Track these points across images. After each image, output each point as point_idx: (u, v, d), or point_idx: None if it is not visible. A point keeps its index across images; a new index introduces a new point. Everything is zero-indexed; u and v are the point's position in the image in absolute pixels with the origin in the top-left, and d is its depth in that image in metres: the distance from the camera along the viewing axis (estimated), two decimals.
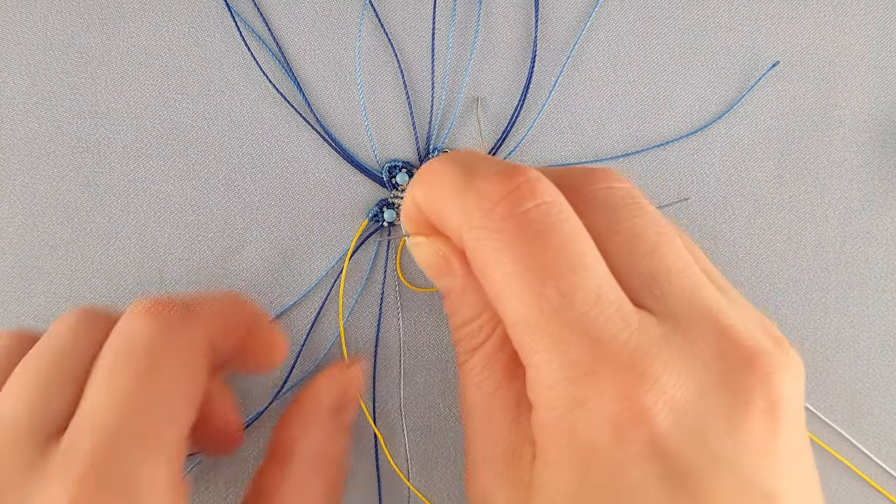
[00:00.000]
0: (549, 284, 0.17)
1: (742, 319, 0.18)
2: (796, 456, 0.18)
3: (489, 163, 0.19)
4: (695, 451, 0.16)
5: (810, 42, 0.30)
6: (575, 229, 0.18)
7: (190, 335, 0.20)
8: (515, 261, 0.17)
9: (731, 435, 0.17)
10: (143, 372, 0.19)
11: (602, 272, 0.18)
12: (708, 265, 0.20)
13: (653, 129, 0.30)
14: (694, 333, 0.17)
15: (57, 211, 0.29)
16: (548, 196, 0.18)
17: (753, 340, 0.18)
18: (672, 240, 0.19)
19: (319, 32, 0.30)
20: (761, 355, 0.17)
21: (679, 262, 0.18)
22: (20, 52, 0.29)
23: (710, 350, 0.17)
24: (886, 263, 0.29)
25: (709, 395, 0.17)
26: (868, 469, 0.29)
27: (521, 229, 0.17)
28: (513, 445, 0.19)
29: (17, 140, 0.29)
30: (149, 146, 0.29)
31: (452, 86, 0.30)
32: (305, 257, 0.29)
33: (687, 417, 0.16)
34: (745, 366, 0.17)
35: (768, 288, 0.29)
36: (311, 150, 0.29)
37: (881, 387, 0.29)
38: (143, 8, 0.29)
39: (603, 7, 0.30)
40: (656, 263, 0.18)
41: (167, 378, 0.19)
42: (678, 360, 0.17)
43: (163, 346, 0.19)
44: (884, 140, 0.30)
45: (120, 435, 0.18)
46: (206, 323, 0.21)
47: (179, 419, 0.19)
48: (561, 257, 0.17)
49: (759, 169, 0.30)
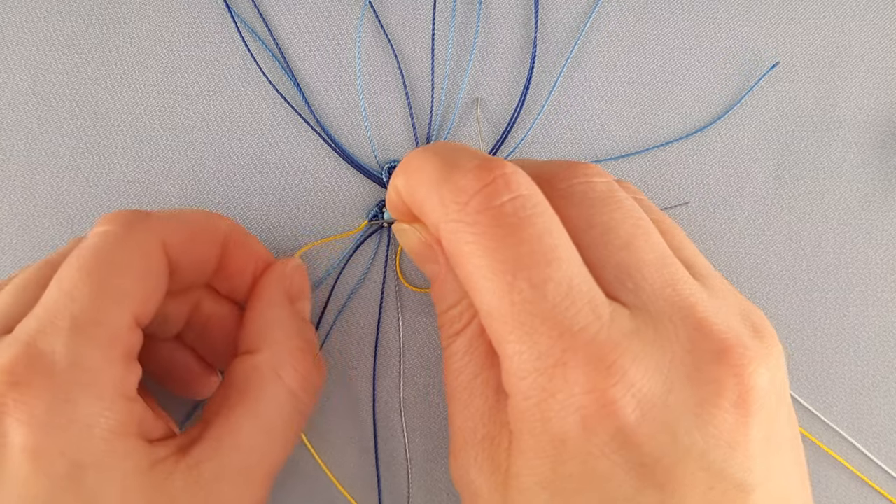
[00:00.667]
0: (520, 276, 0.17)
1: (719, 311, 0.18)
2: (774, 447, 0.18)
3: (468, 155, 0.19)
4: (663, 443, 0.17)
5: (810, 42, 0.30)
6: (548, 223, 0.18)
7: (140, 234, 0.21)
8: (488, 253, 0.17)
9: (700, 428, 0.17)
10: (89, 265, 0.20)
11: (575, 265, 0.18)
12: (692, 254, 0.20)
13: (653, 129, 0.30)
14: (666, 326, 0.17)
15: (57, 211, 0.29)
16: (523, 190, 0.18)
17: (728, 332, 0.18)
18: (648, 233, 0.19)
19: (319, 32, 0.30)
20: (735, 347, 0.17)
21: (653, 254, 0.19)
22: (20, 52, 0.29)
23: (682, 343, 0.17)
24: (886, 263, 0.29)
25: (678, 388, 0.17)
26: (868, 469, 0.29)
27: (495, 223, 0.18)
28: (492, 432, 0.19)
29: (17, 140, 0.29)
30: (149, 146, 0.29)
31: (452, 86, 0.30)
32: (305, 257, 0.29)
33: (655, 410, 0.17)
34: (716, 358, 0.17)
35: (768, 288, 0.29)
36: (311, 150, 0.29)
37: (881, 387, 0.29)
38: (143, 8, 0.29)
39: (603, 7, 0.30)
40: (630, 257, 0.18)
41: (113, 270, 0.20)
42: (648, 354, 0.17)
43: (112, 242, 0.21)
44: (884, 140, 0.30)
45: (55, 321, 0.19)
46: (161, 226, 0.22)
47: (125, 307, 0.20)
48: (533, 250, 0.17)
49: (758, 169, 0.30)
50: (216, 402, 0.22)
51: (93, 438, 0.19)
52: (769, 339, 0.19)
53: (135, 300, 0.21)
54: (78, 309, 0.19)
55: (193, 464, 0.20)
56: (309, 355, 0.23)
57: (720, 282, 0.20)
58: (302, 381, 0.23)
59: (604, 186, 0.20)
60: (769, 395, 0.18)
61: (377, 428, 0.28)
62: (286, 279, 0.25)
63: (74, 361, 0.19)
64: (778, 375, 0.18)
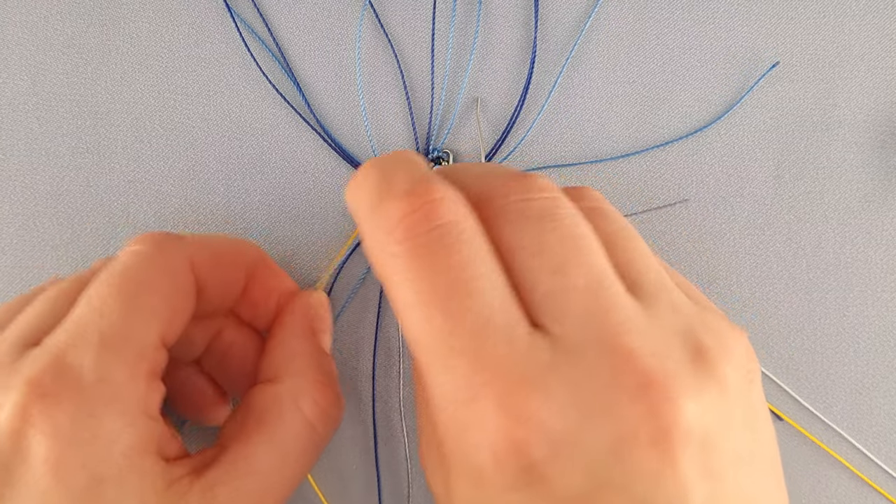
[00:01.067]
0: (437, 307, 0.17)
1: (651, 338, 0.17)
2: (717, 478, 0.17)
3: (405, 177, 0.18)
4: (577, 479, 0.16)
5: (810, 42, 0.30)
6: (472, 252, 0.17)
7: (170, 253, 0.22)
8: (408, 285, 0.17)
9: (618, 464, 0.16)
10: (119, 283, 0.21)
11: (497, 295, 0.17)
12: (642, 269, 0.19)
13: (653, 129, 0.30)
14: (587, 358, 0.17)
15: (57, 211, 0.29)
16: (450, 216, 0.18)
17: (653, 365, 0.17)
18: (581, 256, 0.18)
19: (319, 32, 0.30)
20: (657, 382, 0.16)
21: (585, 279, 0.18)
22: (20, 52, 0.29)
23: (603, 376, 0.17)
24: (886, 263, 0.29)
25: (594, 424, 0.16)
26: (868, 469, 0.29)
27: (416, 253, 0.17)
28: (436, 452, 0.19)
29: (17, 140, 0.29)
30: (149, 146, 0.29)
31: (452, 86, 0.30)
32: (305, 257, 0.29)
33: (567, 447, 0.16)
34: (636, 393, 0.16)
35: (768, 288, 0.29)
36: (311, 150, 0.29)
37: (881, 387, 0.29)
38: (143, 8, 0.29)
39: (603, 7, 0.30)
40: (558, 282, 0.18)
41: (142, 288, 0.21)
42: (563, 389, 0.16)
43: (142, 261, 0.21)
44: (884, 140, 0.30)
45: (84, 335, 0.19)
46: (190, 247, 0.23)
47: (153, 325, 0.21)
48: (453, 280, 0.17)
49: (758, 169, 0.30)
50: (233, 427, 0.23)
51: (114, 454, 0.19)
52: (716, 362, 0.17)
53: (162, 319, 0.21)
54: (106, 325, 0.20)
55: (208, 486, 0.20)
56: (329, 388, 0.23)
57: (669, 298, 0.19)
58: (321, 414, 0.23)
59: (541, 203, 0.19)
60: (704, 427, 0.17)
61: (377, 428, 0.28)
62: (310, 311, 0.25)
63: (101, 377, 0.19)
64: (715, 407, 0.17)
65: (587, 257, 0.18)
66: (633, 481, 0.16)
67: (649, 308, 0.18)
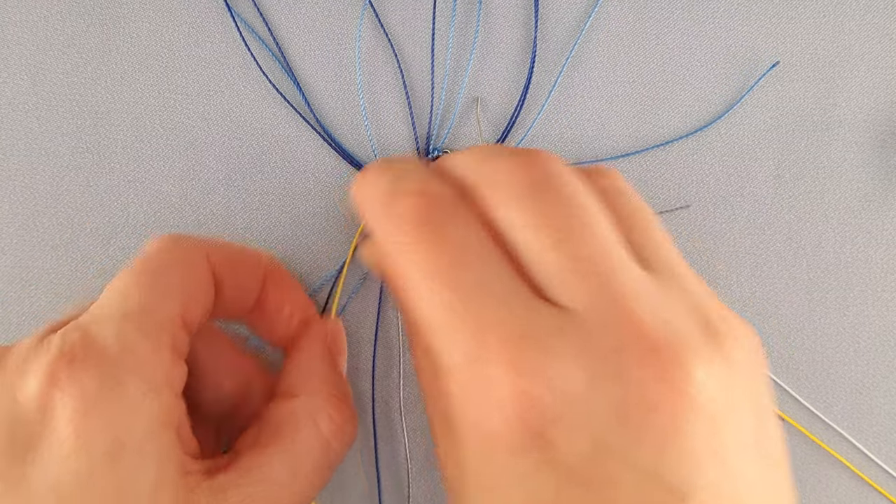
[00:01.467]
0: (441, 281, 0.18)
1: (661, 306, 0.17)
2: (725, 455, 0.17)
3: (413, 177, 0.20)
4: (583, 443, 0.16)
5: (810, 42, 0.30)
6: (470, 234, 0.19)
7: (186, 244, 0.23)
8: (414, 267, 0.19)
9: (623, 428, 0.16)
10: (135, 270, 0.22)
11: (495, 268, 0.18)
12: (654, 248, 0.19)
13: (653, 129, 0.30)
14: (595, 324, 0.17)
15: (57, 211, 0.29)
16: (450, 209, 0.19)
17: (662, 330, 0.17)
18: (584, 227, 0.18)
19: (319, 32, 0.30)
20: (667, 347, 0.17)
21: (587, 250, 0.18)
22: (20, 52, 0.29)
23: (611, 341, 0.17)
24: (886, 263, 0.29)
25: (600, 388, 0.16)
26: (868, 469, 0.29)
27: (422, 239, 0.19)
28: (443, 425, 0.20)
29: (17, 140, 0.29)
30: (149, 146, 0.29)
31: (452, 86, 0.30)
32: (305, 257, 0.29)
33: (574, 410, 0.16)
34: (644, 358, 0.16)
35: (768, 288, 0.29)
36: (311, 150, 0.29)
37: (881, 387, 0.29)
38: (143, 8, 0.29)
39: (603, 7, 0.30)
40: (563, 253, 0.18)
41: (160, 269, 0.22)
42: (570, 352, 0.17)
43: (159, 250, 0.22)
44: (884, 140, 0.30)
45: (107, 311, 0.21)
46: (207, 246, 0.24)
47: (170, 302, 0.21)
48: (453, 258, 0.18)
49: (758, 169, 0.30)
50: (248, 438, 0.23)
51: (137, 422, 0.19)
52: (724, 340, 0.17)
53: (181, 299, 0.22)
54: (128, 304, 0.21)
55: (220, 488, 0.20)
56: (345, 405, 0.24)
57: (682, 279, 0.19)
58: (337, 431, 0.23)
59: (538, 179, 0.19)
60: (712, 399, 0.17)
61: (377, 428, 0.28)
62: (328, 335, 0.26)
63: (126, 347, 0.20)
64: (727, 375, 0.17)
65: (587, 229, 0.18)
66: (639, 449, 0.16)
67: (661, 283, 0.18)
